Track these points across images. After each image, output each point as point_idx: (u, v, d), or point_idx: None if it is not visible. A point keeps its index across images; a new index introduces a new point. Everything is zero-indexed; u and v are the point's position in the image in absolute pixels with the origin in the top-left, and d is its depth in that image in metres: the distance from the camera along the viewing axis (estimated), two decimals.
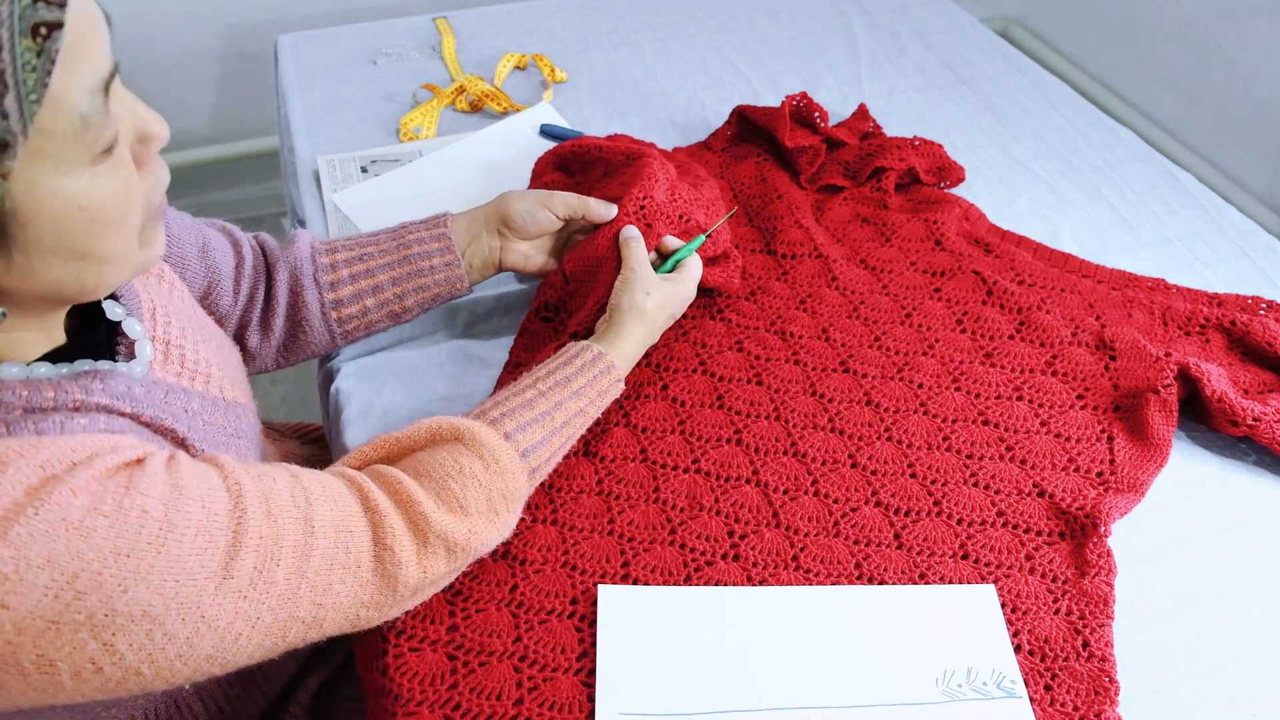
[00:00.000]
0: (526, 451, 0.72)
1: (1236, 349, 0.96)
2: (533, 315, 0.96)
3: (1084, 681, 0.71)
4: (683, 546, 0.79)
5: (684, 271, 0.92)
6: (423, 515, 0.65)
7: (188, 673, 0.55)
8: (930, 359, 0.95)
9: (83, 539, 0.50)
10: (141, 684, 0.53)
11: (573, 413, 0.77)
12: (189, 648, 0.54)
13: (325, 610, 0.60)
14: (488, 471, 0.69)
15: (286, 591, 0.58)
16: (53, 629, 0.49)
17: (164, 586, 0.52)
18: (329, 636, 0.64)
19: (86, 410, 0.59)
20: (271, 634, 0.58)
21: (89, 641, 0.50)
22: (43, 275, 0.54)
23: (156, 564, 0.52)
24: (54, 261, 0.54)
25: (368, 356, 0.96)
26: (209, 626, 0.54)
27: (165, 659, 0.53)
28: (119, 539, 0.51)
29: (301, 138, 1.27)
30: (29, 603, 0.48)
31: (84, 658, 0.50)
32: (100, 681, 0.52)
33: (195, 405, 0.69)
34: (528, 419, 0.74)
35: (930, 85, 1.40)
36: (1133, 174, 1.23)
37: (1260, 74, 1.94)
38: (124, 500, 0.52)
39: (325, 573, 0.60)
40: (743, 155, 1.21)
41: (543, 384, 0.77)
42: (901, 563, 0.78)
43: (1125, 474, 0.85)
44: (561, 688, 0.69)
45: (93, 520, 0.50)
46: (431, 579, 0.67)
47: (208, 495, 0.56)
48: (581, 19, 1.54)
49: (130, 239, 0.58)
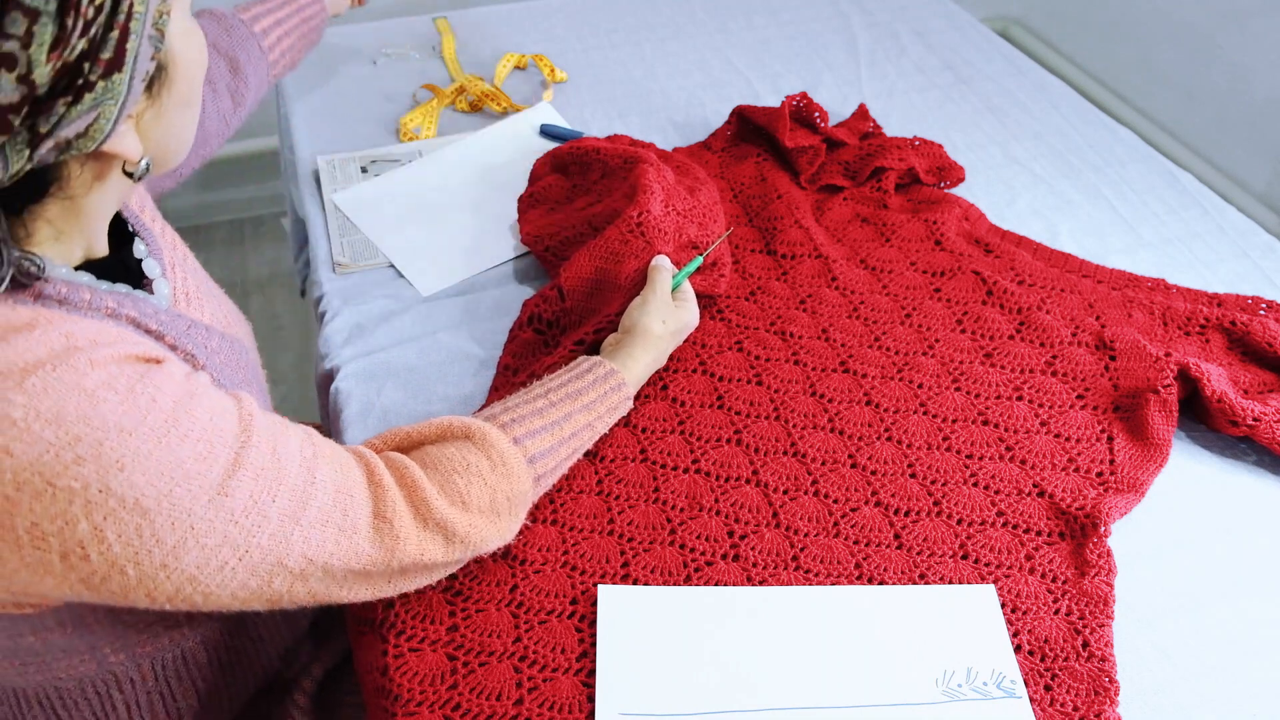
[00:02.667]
0: (534, 458, 0.73)
1: (1236, 349, 0.96)
2: (524, 324, 0.96)
3: (1084, 681, 0.71)
4: (683, 546, 0.79)
5: (687, 297, 0.93)
6: (425, 500, 0.66)
7: (170, 589, 0.56)
8: (930, 359, 0.95)
9: (91, 406, 0.52)
10: (125, 585, 0.55)
11: (581, 425, 0.78)
12: (174, 558, 0.55)
13: (314, 567, 0.61)
14: (494, 473, 0.70)
15: (278, 533, 0.59)
16: (49, 492, 0.51)
17: (159, 479, 0.53)
18: (316, 600, 0.64)
19: (118, 319, 0.63)
20: (257, 574, 0.59)
21: (80, 520, 0.52)
22: (173, 123, 0.61)
23: (155, 452, 0.53)
24: (180, 108, 0.61)
25: (368, 356, 0.96)
26: (197, 542, 0.55)
27: (150, 563, 0.54)
28: (124, 416, 0.53)
29: (301, 138, 1.27)
30: (31, 454, 0.50)
31: (74, 538, 0.52)
32: (87, 571, 0.53)
33: (215, 343, 0.72)
34: (537, 426, 0.75)
35: (930, 85, 1.40)
36: (1133, 174, 1.23)
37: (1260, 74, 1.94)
38: (136, 385, 0.54)
39: (320, 527, 0.61)
40: (743, 155, 1.21)
41: (554, 394, 0.78)
42: (901, 563, 0.78)
43: (1125, 474, 0.85)
44: (561, 688, 0.69)
45: (104, 393, 0.53)
46: (427, 564, 0.67)
47: (218, 412, 0.58)
48: (581, 19, 1.54)
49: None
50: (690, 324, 0.92)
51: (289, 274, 2.11)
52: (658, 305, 0.88)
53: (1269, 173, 1.97)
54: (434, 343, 0.98)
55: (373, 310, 1.01)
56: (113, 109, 0.54)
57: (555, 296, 0.95)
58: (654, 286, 0.89)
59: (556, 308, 0.95)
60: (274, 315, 2.02)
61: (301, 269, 1.31)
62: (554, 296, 0.95)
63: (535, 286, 1.04)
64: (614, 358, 0.84)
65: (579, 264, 0.95)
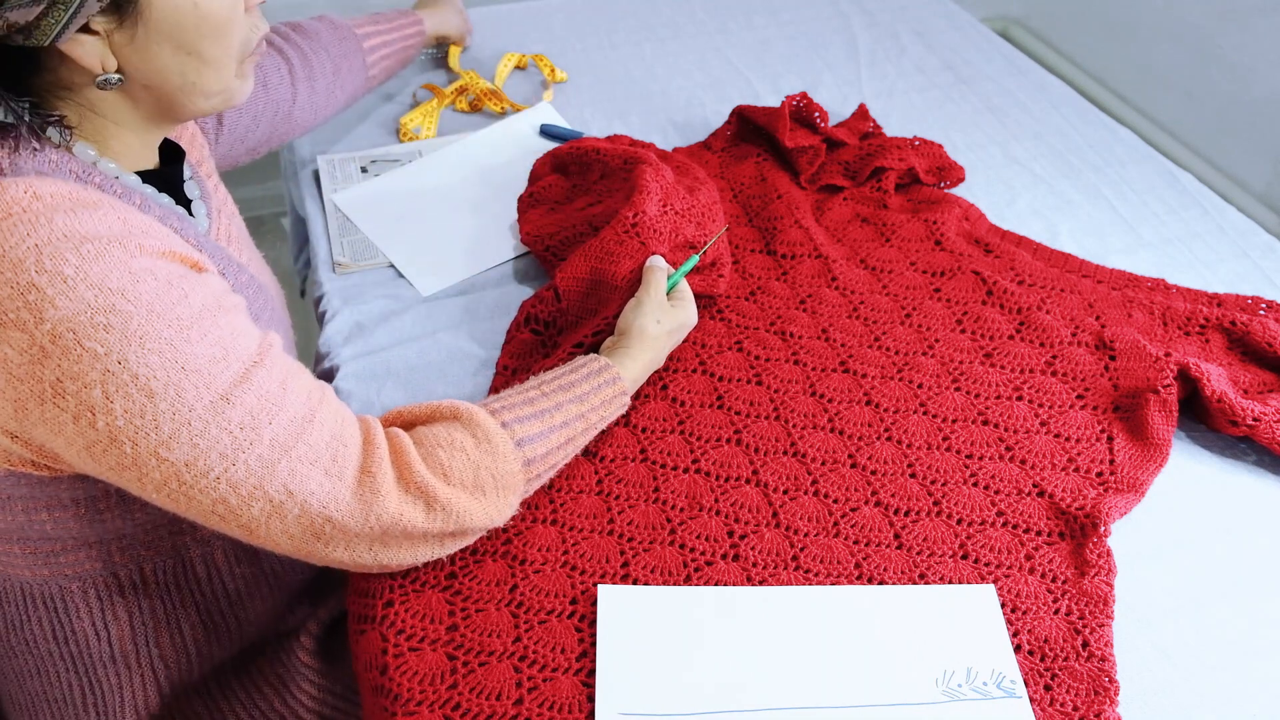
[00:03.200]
0: (522, 441, 0.73)
1: (1236, 349, 0.96)
2: (521, 325, 0.96)
3: (1084, 681, 0.71)
4: (683, 546, 0.79)
5: (684, 296, 0.93)
6: (408, 464, 0.68)
7: (157, 478, 0.60)
8: (930, 359, 0.95)
9: (132, 282, 0.59)
10: (121, 459, 0.59)
11: (573, 415, 0.78)
12: (166, 449, 0.59)
13: (293, 502, 0.63)
14: (478, 449, 0.71)
15: (266, 456, 0.61)
16: (76, 350, 0.57)
17: (170, 368, 0.59)
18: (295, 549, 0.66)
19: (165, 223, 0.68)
20: (238, 491, 0.61)
21: (96, 385, 0.57)
22: (156, 58, 0.65)
23: (175, 340, 0.59)
24: (167, 48, 0.65)
25: (368, 356, 0.96)
26: (190, 439, 0.59)
27: (146, 445, 0.59)
28: (156, 300, 0.59)
29: (302, 138, 1.27)
30: (71, 309, 0.56)
31: (87, 402, 0.58)
32: (93, 437, 0.59)
33: (245, 280, 0.78)
34: (527, 413, 0.75)
35: (930, 85, 1.40)
36: (1133, 174, 1.23)
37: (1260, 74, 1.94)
38: (174, 279, 0.61)
39: (307, 464, 0.63)
40: (743, 155, 1.21)
41: (546, 386, 0.79)
42: (901, 563, 0.78)
43: (1125, 474, 0.85)
44: (561, 688, 0.69)
45: (146, 276, 0.59)
46: (406, 528, 0.67)
47: (241, 330, 0.64)
48: (581, 19, 1.54)
49: (229, 54, 0.68)
50: (687, 323, 0.92)
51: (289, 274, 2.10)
52: (652, 306, 0.88)
53: (1269, 173, 1.97)
54: (434, 343, 0.98)
55: (373, 310, 1.02)
56: (63, 12, 0.58)
57: (551, 297, 0.95)
58: (648, 287, 0.90)
59: (553, 308, 0.95)
60: None
61: (301, 269, 1.31)
62: (550, 297, 0.95)
63: (535, 287, 1.04)
64: (610, 357, 0.85)
65: (574, 265, 0.95)
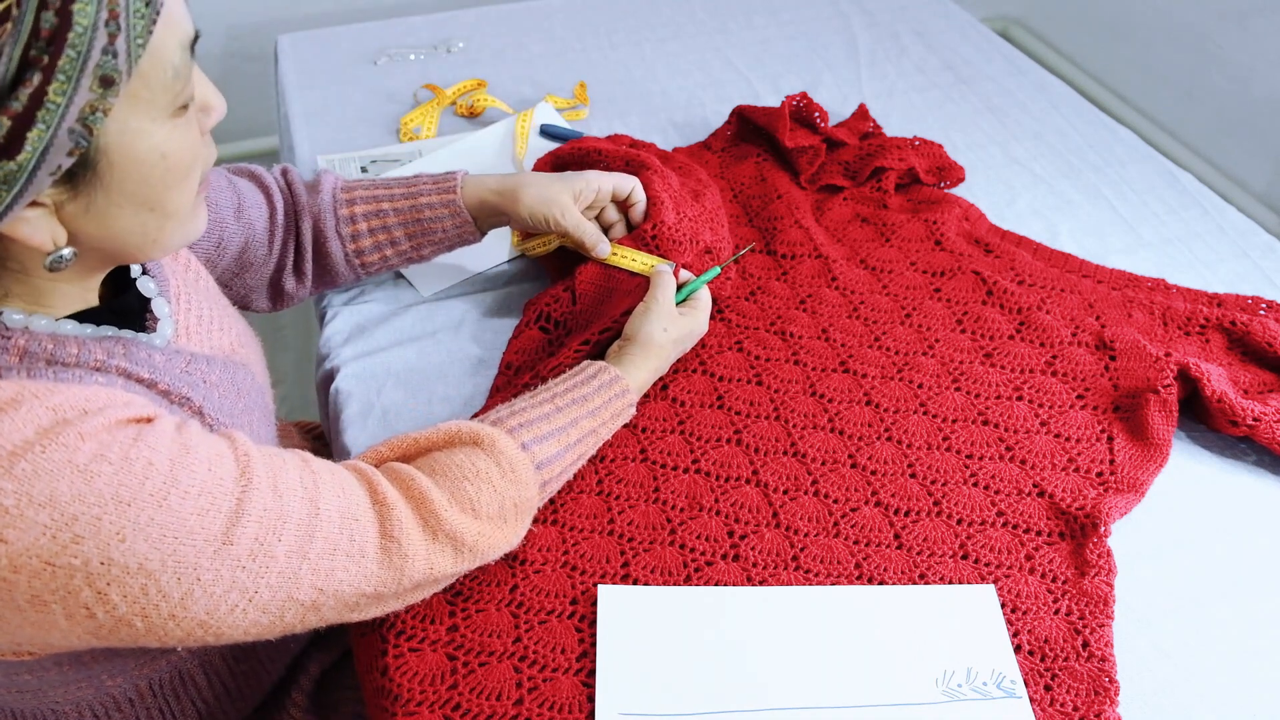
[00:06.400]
0: (541, 464, 0.73)
1: (1236, 349, 0.96)
2: (530, 322, 0.96)
3: (1084, 681, 0.71)
4: (683, 546, 0.79)
5: (697, 305, 0.92)
6: (434, 512, 0.65)
7: (180, 635, 0.56)
8: (930, 359, 0.95)
9: (86, 482, 0.51)
10: (134, 636, 0.54)
11: (586, 431, 0.78)
12: (182, 609, 0.54)
13: (325, 596, 0.61)
14: (504, 479, 0.70)
15: (287, 570, 0.58)
16: (48, 570, 0.50)
17: (162, 542, 0.53)
18: (328, 623, 0.64)
19: (106, 371, 0.61)
20: (268, 612, 0.58)
21: (83, 588, 0.51)
22: (115, 221, 0.57)
23: (157, 517, 0.53)
24: (127, 209, 0.57)
25: (368, 357, 0.96)
26: (204, 591, 0.55)
27: (158, 616, 0.54)
28: (121, 487, 0.52)
29: (301, 138, 1.27)
30: (27, 539, 0.49)
31: (78, 603, 0.52)
32: (93, 626, 0.53)
33: (215, 375, 0.71)
34: (545, 432, 0.74)
35: (930, 85, 1.40)
36: (1133, 174, 1.23)
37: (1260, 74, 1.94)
38: (130, 451, 0.53)
39: (328, 557, 0.60)
40: (743, 155, 1.21)
41: (560, 399, 0.78)
42: (901, 563, 0.78)
43: (1125, 474, 0.85)
44: (561, 688, 0.69)
45: (97, 465, 0.52)
46: (436, 576, 0.67)
47: (215, 460, 0.57)
48: (581, 19, 1.54)
49: (190, 197, 0.61)
50: (696, 331, 0.91)
51: None
52: (659, 313, 0.87)
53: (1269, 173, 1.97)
54: (434, 343, 0.98)
55: (373, 310, 1.02)
56: (5, 193, 0.51)
57: (567, 298, 0.95)
58: (655, 294, 0.89)
59: (567, 309, 0.95)
60: (274, 315, 2.02)
61: None
62: (566, 298, 0.95)
63: (535, 286, 1.04)
64: (617, 364, 0.84)
65: (594, 270, 0.95)
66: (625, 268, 0.94)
